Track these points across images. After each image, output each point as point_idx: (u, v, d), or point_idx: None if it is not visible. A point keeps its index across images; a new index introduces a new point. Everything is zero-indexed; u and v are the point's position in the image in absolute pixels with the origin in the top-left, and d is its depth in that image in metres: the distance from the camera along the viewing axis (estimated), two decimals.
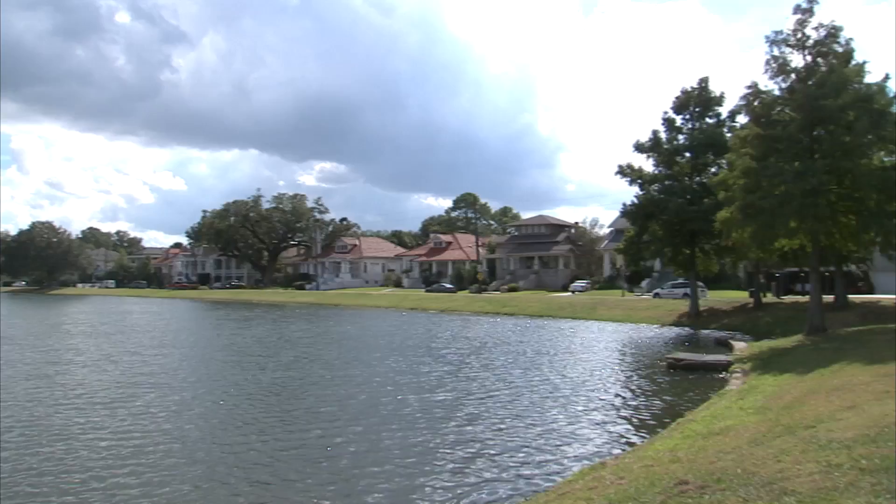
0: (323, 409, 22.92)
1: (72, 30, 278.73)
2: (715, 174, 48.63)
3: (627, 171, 57.07)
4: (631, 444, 17.66)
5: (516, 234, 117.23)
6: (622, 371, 32.21)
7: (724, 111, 54.11)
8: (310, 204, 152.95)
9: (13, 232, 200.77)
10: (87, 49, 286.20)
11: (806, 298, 44.60)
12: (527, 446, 17.83)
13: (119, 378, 29.36)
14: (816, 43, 34.29)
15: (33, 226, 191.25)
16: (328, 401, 24.32)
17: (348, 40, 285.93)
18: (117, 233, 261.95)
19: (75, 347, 42.02)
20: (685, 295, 61.88)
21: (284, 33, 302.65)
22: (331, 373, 31.09)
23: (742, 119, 45.35)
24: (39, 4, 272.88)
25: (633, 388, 27.36)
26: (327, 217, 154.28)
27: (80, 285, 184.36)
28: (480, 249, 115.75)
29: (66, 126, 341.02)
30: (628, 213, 57.65)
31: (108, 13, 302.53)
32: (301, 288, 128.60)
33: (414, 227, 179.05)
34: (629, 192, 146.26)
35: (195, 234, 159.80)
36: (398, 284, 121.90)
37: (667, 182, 55.44)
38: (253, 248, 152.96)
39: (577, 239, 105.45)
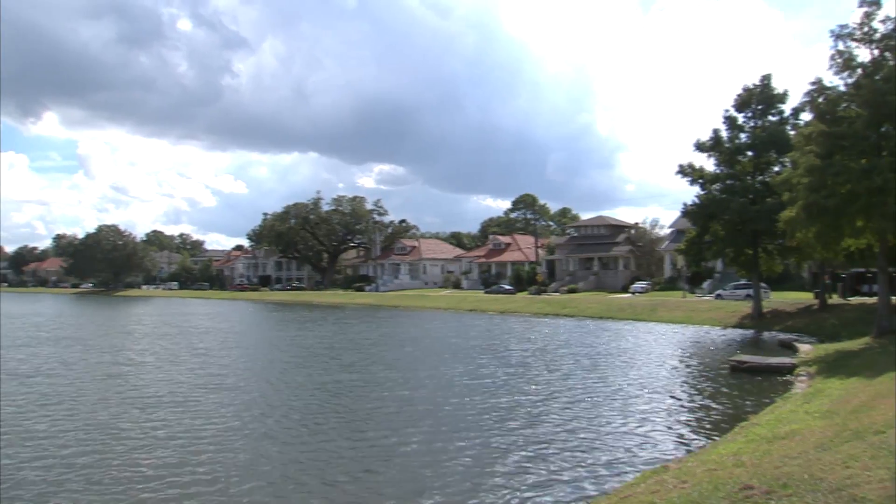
0: (389, 410, 22.99)
1: (135, 38, 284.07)
2: (778, 173, 47.79)
3: (688, 171, 56.30)
4: (693, 448, 17.45)
5: (575, 234, 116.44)
6: (684, 373, 31.84)
7: (787, 108, 53.06)
8: (369, 206, 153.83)
9: (81, 235, 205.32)
10: (150, 56, 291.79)
11: (873, 300, 43.59)
12: (588, 448, 17.78)
13: (186, 379, 29.76)
14: (884, 37, 33.41)
15: (100, 229, 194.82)
16: (394, 402, 24.34)
17: (405, 42, 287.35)
18: (180, 235, 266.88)
19: (142, 349, 42.73)
20: (748, 296, 60.90)
21: (342, 36, 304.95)
22: (395, 374, 31.13)
23: (806, 116, 44.61)
24: (104, 13, 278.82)
25: (695, 390, 27.05)
26: (386, 219, 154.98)
27: (144, 287, 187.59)
28: (539, 250, 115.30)
29: (131, 131, 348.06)
30: (689, 213, 56.93)
31: (170, 21, 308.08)
32: (360, 289, 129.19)
33: (473, 228, 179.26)
34: (690, 192, 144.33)
35: (256, 236, 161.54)
36: (457, 286, 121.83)
37: (728, 181, 54.55)
38: (313, 249, 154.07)
39: (637, 239, 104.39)
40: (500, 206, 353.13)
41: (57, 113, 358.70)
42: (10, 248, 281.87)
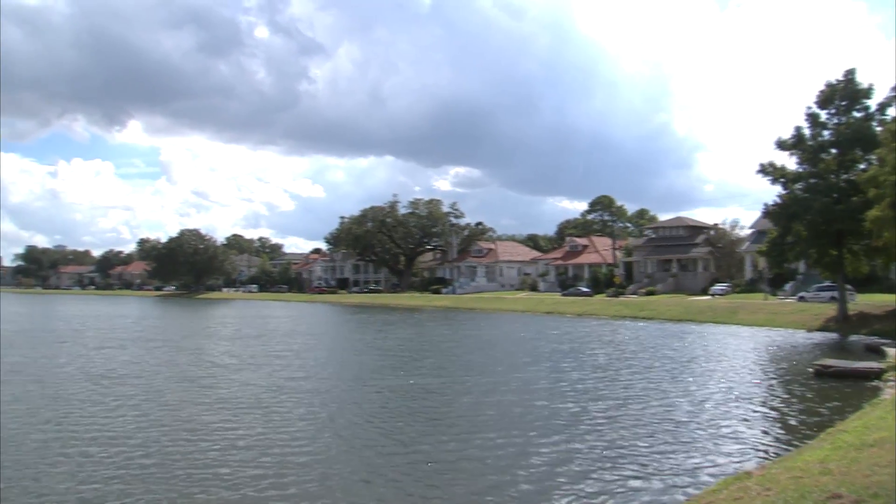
0: (473, 414, 22.91)
1: (214, 46, 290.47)
2: (864, 171, 46.53)
3: (769, 170, 55.06)
4: (777, 454, 17.07)
5: (653, 236, 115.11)
6: (766, 378, 31.13)
7: (872, 104, 51.45)
8: (445, 208, 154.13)
9: (163, 239, 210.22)
10: (229, 64, 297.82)
11: None
12: (669, 453, 17.57)
13: (268, 382, 30.06)
14: None
15: (181, 233, 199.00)
16: (479, 406, 24.24)
17: (480, 45, 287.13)
18: (259, 239, 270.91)
19: (225, 351, 43.41)
20: (832, 298, 59.30)
21: (417, 40, 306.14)
22: (481, 378, 30.93)
23: (893, 111, 43.24)
24: (184, 23, 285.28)
25: (779, 395, 26.42)
26: (463, 221, 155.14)
27: (224, 290, 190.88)
28: (617, 252, 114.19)
29: (211, 138, 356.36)
30: (770, 213, 55.73)
31: (247, 29, 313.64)
32: (437, 292, 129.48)
33: (549, 230, 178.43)
34: (771, 192, 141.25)
35: (334, 239, 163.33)
36: (534, 288, 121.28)
37: (811, 180, 53.18)
38: (390, 252, 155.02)
39: (717, 241, 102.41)
40: (576, 207, 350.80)
41: (141, 121, 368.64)
42: (97, 253, 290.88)
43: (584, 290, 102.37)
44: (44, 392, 26.88)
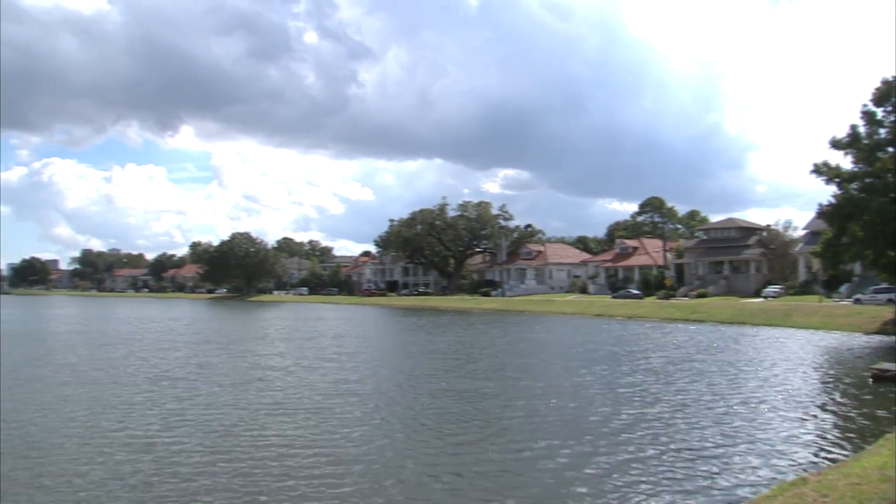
0: (530, 417, 22.82)
1: (264, 52, 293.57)
2: None
3: (823, 170, 54.15)
4: (833, 460, 16.74)
5: (705, 237, 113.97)
6: (822, 382, 30.68)
7: None
8: (494, 211, 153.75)
9: (215, 242, 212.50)
10: (278, 69, 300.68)
11: None
12: (724, 458, 17.46)
13: (321, 384, 30.26)
14: None
15: (233, 236, 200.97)
16: (536, 410, 24.11)
17: (528, 46, 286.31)
18: (309, 242, 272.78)
19: (277, 353, 43.83)
20: (889, 301, 58.21)
21: (465, 43, 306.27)
22: (532, 381, 30.88)
23: None
24: (234, 30, 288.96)
25: (835, 400, 26.01)
26: (512, 224, 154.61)
27: (275, 292, 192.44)
28: (667, 254, 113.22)
29: (261, 142, 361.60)
30: (825, 213, 54.78)
31: (296, 34, 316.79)
32: (487, 294, 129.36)
33: (599, 232, 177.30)
34: (825, 192, 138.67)
35: (383, 242, 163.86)
36: (584, 291, 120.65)
37: (867, 180, 52.18)
38: (439, 255, 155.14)
39: (770, 242, 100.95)
40: (626, 209, 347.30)
41: (192, 126, 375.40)
42: (150, 256, 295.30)
43: (635, 292, 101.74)
44: (101, 394, 27.37)
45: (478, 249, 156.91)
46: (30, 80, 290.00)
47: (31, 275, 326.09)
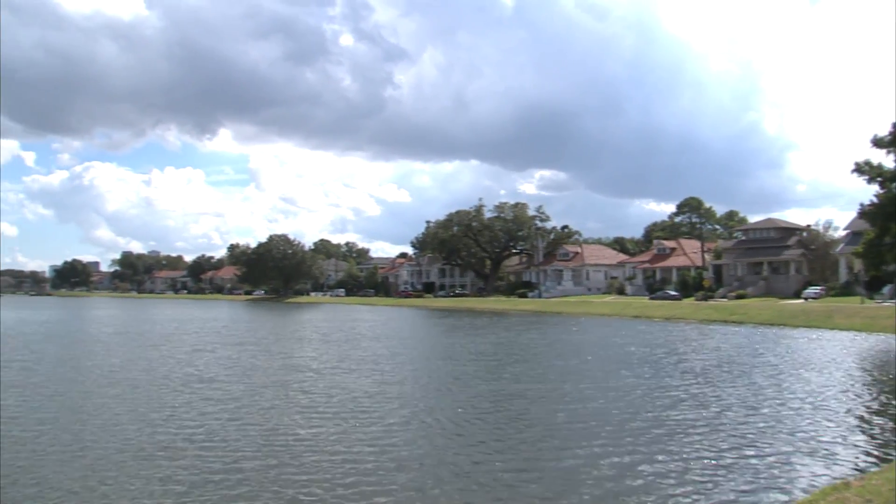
0: (573, 420, 22.74)
1: (301, 55, 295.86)
2: None
3: (865, 169, 53.55)
4: (877, 465, 16.64)
5: (743, 238, 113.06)
6: (864, 384, 30.46)
7: None
8: (531, 212, 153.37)
9: (253, 244, 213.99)
10: (315, 72, 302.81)
11: None
12: (765, 462, 17.45)
13: (360, 386, 30.36)
14: None
15: (270, 238, 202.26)
16: (578, 413, 24.02)
17: (563, 47, 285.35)
18: (346, 244, 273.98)
19: (315, 354, 44.09)
20: None
21: (500, 44, 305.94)
22: (574, 383, 30.74)
23: None
24: (271, 33, 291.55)
25: (879, 403, 25.90)
26: (549, 225, 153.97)
27: (312, 294, 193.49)
28: (706, 255, 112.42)
29: (298, 145, 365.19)
30: (867, 213, 54.19)
31: (332, 37, 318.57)
32: (523, 296, 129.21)
33: (636, 233, 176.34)
34: (867, 192, 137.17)
35: (420, 243, 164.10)
36: (621, 292, 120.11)
37: None
38: (476, 256, 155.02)
39: (810, 242, 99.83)
40: (663, 209, 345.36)
41: (230, 129, 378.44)
42: (189, 258, 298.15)
43: (673, 293, 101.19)
44: (142, 395, 27.72)
45: (514, 251, 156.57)
46: (71, 85, 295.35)
47: (73, 276, 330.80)
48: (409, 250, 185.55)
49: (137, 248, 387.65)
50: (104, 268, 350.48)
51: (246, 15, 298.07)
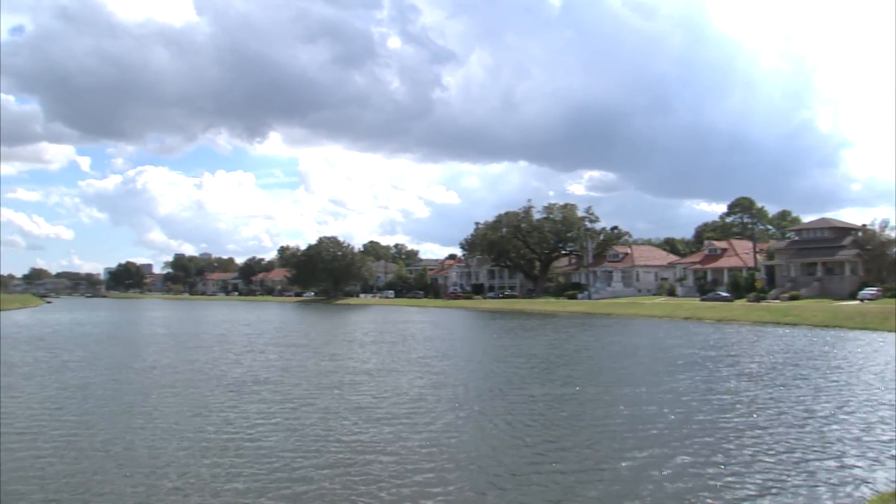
0: (630, 424, 22.52)
1: (349, 58, 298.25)
2: None
3: None
4: None
5: (796, 238, 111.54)
6: None
7: None
8: (580, 213, 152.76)
9: (303, 247, 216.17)
10: (363, 75, 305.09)
11: None
12: (824, 466, 17.35)
13: (410, 387, 30.47)
14: None
15: (320, 241, 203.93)
16: (635, 417, 23.80)
17: (611, 46, 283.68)
18: (395, 245, 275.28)
19: (367, 356, 44.18)
20: None
21: (548, 44, 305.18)
22: (628, 387, 30.47)
23: None
24: (319, 37, 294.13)
25: None
26: (598, 226, 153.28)
27: (362, 295, 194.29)
28: (758, 256, 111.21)
29: (347, 147, 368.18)
30: None
31: (380, 40, 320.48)
32: (573, 297, 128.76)
33: (686, 233, 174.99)
34: None
35: (469, 245, 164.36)
36: (671, 293, 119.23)
37: None
38: (525, 258, 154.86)
39: (866, 242, 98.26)
40: (714, 210, 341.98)
41: (280, 133, 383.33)
42: (240, 260, 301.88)
43: (724, 294, 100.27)
44: (195, 395, 28.14)
45: (564, 252, 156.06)
46: (125, 91, 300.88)
47: (127, 278, 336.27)
48: (458, 252, 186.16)
49: (189, 250, 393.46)
50: (157, 270, 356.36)
51: (294, 19, 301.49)
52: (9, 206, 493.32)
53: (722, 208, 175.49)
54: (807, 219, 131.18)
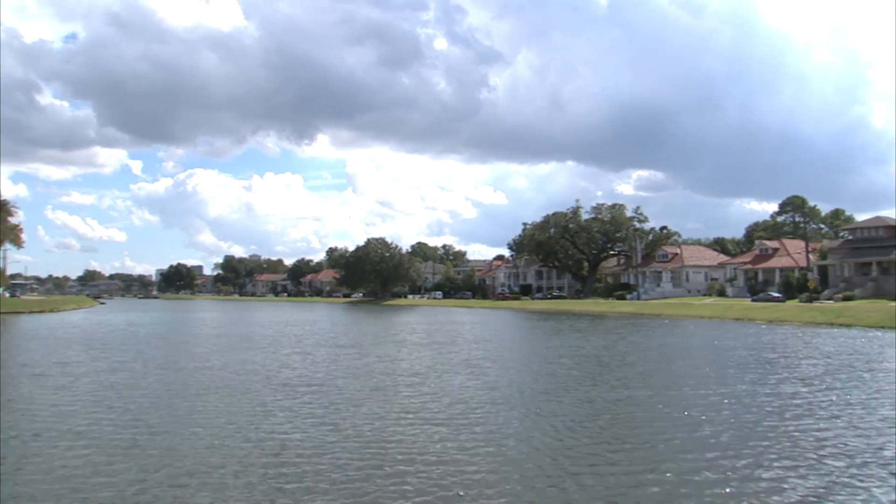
0: (690, 431, 22.00)
1: (396, 59, 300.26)
2: None
3: None
4: None
5: (850, 237, 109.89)
6: None
7: None
8: (629, 213, 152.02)
9: (351, 248, 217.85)
10: (410, 76, 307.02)
11: None
12: (878, 474, 16.92)
13: (462, 390, 30.25)
14: None
15: (368, 242, 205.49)
16: (696, 423, 23.24)
17: (659, 45, 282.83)
18: (443, 246, 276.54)
19: (416, 358, 44.02)
20: None
21: (595, 44, 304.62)
22: (685, 390, 29.85)
23: None
24: (366, 39, 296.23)
25: None
26: (647, 226, 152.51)
27: (410, 296, 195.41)
28: (810, 255, 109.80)
29: (394, 149, 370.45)
30: None
31: (427, 41, 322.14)
32: (621, 298, 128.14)
33: (737, 233, 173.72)
34: None
35: (517, 246, 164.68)
36: (721, 293, 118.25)
37: None
38: (573, 258, 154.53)
39: None
40: (765, 209, 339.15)
41: (328, 135, 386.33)
42: (289, 261, 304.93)
43: (776, 295, 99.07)
44: (247, 398, 28.17)
45: (612, 252, 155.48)
46: (175, 95, 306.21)
47: (178, 280, 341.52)
48: (506, 252, 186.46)
49: (239, 252, 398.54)
50: (207, 271, 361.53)
51: (341, 22, 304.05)
52: (64, 210, 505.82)
53: (773, 207, 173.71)
54: (860, 217, 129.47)
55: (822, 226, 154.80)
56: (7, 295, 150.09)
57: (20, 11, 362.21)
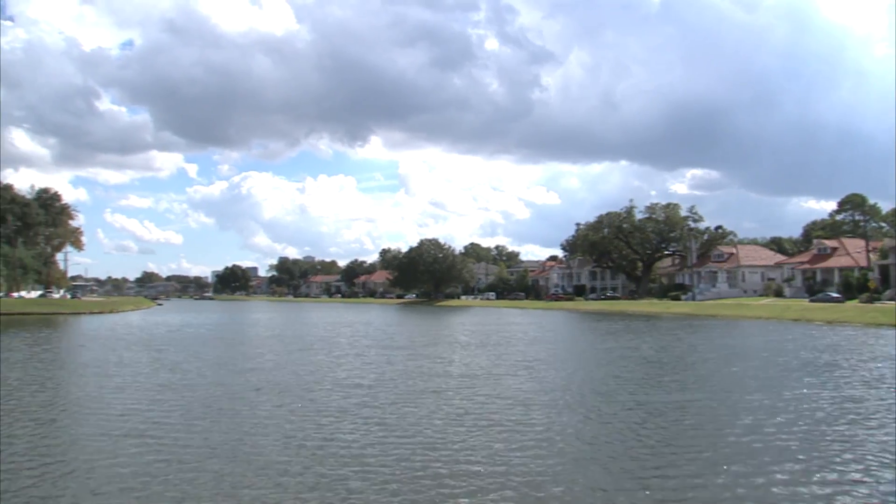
0: (759, 437, 21.50)
1: (448, 61, 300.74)
2: None
3: None
4: None
5: None
6: None
7: None
8: (683, 212, 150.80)
9: (404, 249, 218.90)
10: (462, 77, 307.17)
11: None
12: None
13: (517, 392, 30.08)
14: None
15: (421, 243, 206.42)
16: (758, 427, 22.78)
17: (713, 41, 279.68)
18: (496, 247, 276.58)
19: (471, 359, 43.74)
20: None
21: (648, 41, 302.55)
22: (747, 394, 29.17)
23: None
24: (417, 41, 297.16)
25: None
26: (702, 225, 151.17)
27: (463, 297, 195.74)
28: (871, 255, 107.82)
29: (447, 150, 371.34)
30: None
31: (478, 42, 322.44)
32: (676, 298, 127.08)
33: (794, 232, 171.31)
34: None
35: (570, 246, 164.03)
36: (779, 294, 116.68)
37: None
38: (627, 258, 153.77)
39: None
40: (823, 207, 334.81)
41: (380, 136, 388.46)
42: (342, 263, 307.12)
43: (835, 295, 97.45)
44: (299, 399, 28.23)
45: (666, 252, 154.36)
46: (229, 100, 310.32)
47: (234, 281, 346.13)
48: (559, 253, 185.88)
49: (293, 253, 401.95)
50: (262, 273, 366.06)
51: (392, 24, 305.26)
52: (122, 213, 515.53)
53: (831, 206, 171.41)
54: None
55: (883, 224, 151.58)
56: (68, 296, 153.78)
57: (79, 20, 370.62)
